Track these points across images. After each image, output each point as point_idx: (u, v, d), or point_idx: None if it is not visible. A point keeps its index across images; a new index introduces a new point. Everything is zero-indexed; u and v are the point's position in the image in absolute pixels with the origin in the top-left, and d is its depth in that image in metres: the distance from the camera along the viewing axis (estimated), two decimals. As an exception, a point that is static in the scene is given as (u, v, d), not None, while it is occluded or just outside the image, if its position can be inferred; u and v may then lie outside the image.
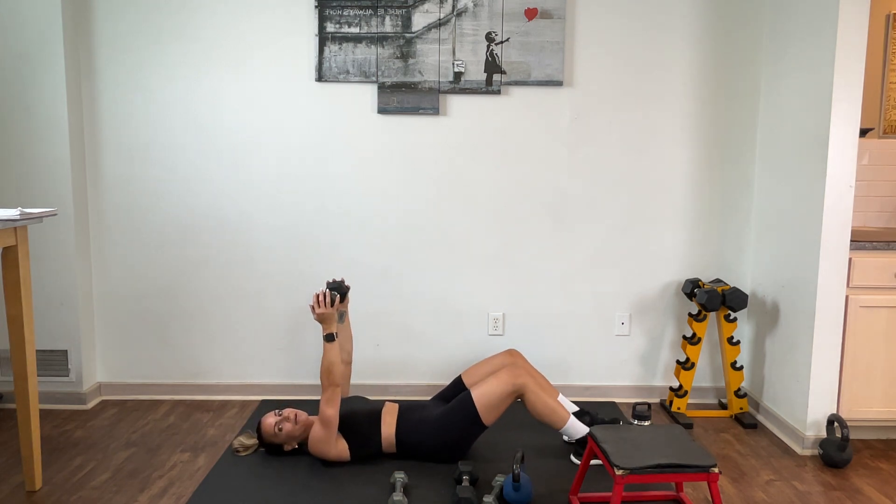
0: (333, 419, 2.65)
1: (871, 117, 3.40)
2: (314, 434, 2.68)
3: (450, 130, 3.40)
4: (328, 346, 2.66)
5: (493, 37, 3.31)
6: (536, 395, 2.70)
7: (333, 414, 2.64)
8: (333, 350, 2.66)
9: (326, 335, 2.66)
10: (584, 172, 3.43)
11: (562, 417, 2.72)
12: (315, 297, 2.67)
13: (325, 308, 2.65)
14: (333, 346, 2.66)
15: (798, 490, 2.63)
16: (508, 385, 2.68)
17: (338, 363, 2.65)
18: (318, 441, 2.68)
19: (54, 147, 3.23)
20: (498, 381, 2.70)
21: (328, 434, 2.66)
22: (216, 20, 3.31)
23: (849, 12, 2.75)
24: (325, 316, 2.66)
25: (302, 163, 3.40)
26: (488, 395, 2.68)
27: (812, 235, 2.92)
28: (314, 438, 2.68)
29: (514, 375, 2.69)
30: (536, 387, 2.71)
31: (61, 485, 2.60)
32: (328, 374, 2.64)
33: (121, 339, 3.49)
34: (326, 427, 2.65)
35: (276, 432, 2.75)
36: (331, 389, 2.64)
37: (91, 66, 3.32)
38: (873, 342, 2.93)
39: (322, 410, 2.64)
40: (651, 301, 3.52)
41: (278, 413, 2.79)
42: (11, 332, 2.44)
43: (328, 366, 2.64)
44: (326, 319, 2.67)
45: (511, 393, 2.68)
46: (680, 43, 3.37)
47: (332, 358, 2.65)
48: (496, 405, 2.68)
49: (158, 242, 3.43)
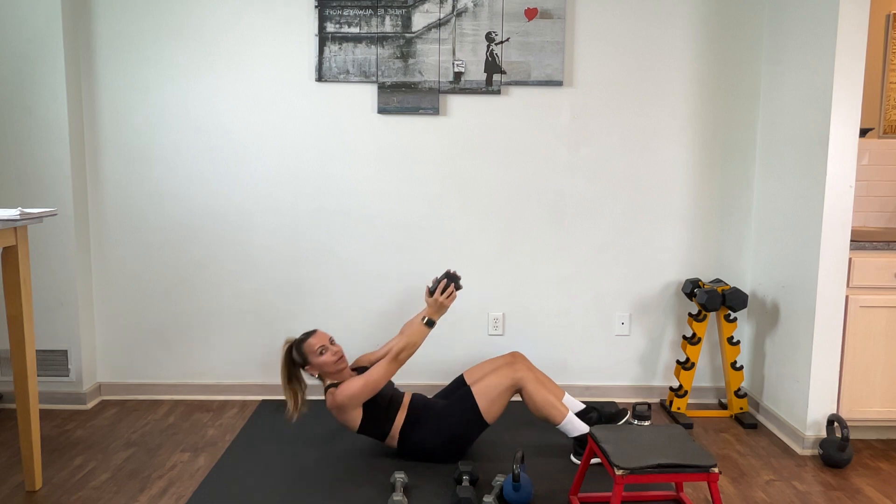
0: (376, 388, 2.68)
1: (871, 117, 3.40)
2: (349, 387, 2.67)
3: (450, 130, 3.40)
4: (422, 329, 2.70)
5: (493, 37, 3.31)
6: (535, 389, 2.72)
7: (381, 385, 2.68)
8: (424, 334, 2.71)
9: (429, 320, 2.71)
10: (584, 172, 3.43)
11: (560, 412, 2.73)
12: (436, 282, 2.72)
13: (444, 299, 2.71)
14: (426, 332, 2.71)
15: (798, 490, 2.63)
16: (507, 378, 2.70)
17: (418, 346, 2.71)
18: (348, 396, 2.67)
19: (54, 147, 3.23)
20: (497, 376, 2.73)
21: (362, 395, 2.67)
22: (216, 20, 3.31)
23: (849, 12, 2.74)
24: (439, 304, 2.72)
25: (302, 163, 3.40)
26: (487, 388, 2.71)
27: (812, 235, 2.92)
28: (346, 391, 2.67)
29: (513, 370, 2.73)
30: (535, 381, 2.74)
31: (61, 485, 2.60)
32: (405, 351, 2.68)
33: (121, 339, 3.49)
34: (368, 390, 2.67)
35: (318, 352, 2.75)
36: (395, 365, 2.67)
37: (91, 66, 3.32)
38: (873, 342, 2.93)
39: (376, 377, 2.66)
40: (651, 301, 3.52)
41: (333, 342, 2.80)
42: (11, 332, 2.44)
43: (411, 345, 2.68)
44: (439, 308, 2.72)
45: (510, 386, 2.70)
46: (680, 43, 3.37)
47: (418, 340, 2.70)
48: (495, 399, 2.70)
49: (158, 242, 3.43)
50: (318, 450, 2.90)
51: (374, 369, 2.68)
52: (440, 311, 2.73)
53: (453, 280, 2.75)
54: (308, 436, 3.04)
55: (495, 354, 3.54)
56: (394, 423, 2.76)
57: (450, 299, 2.72)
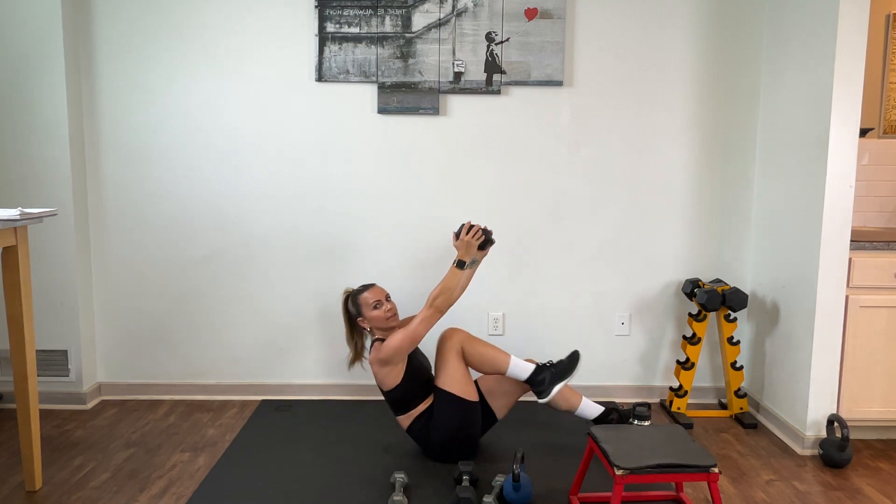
0: (419, 338, 2.68)
1: (871, 117, 3.40)
2: (393, 339, 2.68)
3: (450, 130, 3.40)
4: (455, 271, 2.70)
5: (493, 37, 3.31)
6: (470, 345, 2.75)
7: (423, 333, 2.68)
8: (457, 277, 2.70)
9: (459, 261, 2.71)
10: (584, 172, 3.43)
11: (503, 359, 2.77)
12: (465, 225, 2.73)
13: (468, 237, 2.71)
14: (458, 274, 2.70)
15: (798, 490, 2.63)
16: (447, 351, 2.74)
17: (455, 290, 2.69)
18: (392, 348, 2.67)
19: (54, 147, 3.23)
20: (440, 356, 2.76)
21: (406, 347, 2.68)
22: (216, 20, 3.31)
23: (849, 12, 2.74)
24: (466, 244, 2.72)
25: (302, 163, 3.40)
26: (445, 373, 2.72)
27: (812, 235, 2.92)
28: (390, 343, 2.68)
29: (446, 341, 2.76)
30: (470, 339, 2.76)
31: (61, 485, 2.60)
32: (441, 296, 2.68)
33: (121, 339, 3.49)
34: (409, 340, 2.67)
35: (373, 306, 2.77)
36: (433, 311, 2.68)
37: (91, 66, 3.32)
38: (873, 342, 2.93)
39: (415, 325, 2.67)
40: (651, 301, 3.52)
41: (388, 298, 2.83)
42: (11, 332, 2.44)
43: (446, 289, 2.68)
44: (467, 248, 2.72)
45: (455, 353, 2.73)
46: (680, 43, 3.37)
47: (452, 283, 2.69)
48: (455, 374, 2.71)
49: (158, 242, 3.43)
50: (318, 450, 2.90)
51: (413, 320, 2.70)
52: (469, 252, 2.73)
53: (482, 229, 2.76)
54: (308, 436, 3.04)
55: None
56: (418, 405, 2.76)
57: (476, 238, 2.72)
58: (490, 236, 2.78)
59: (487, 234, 2.77)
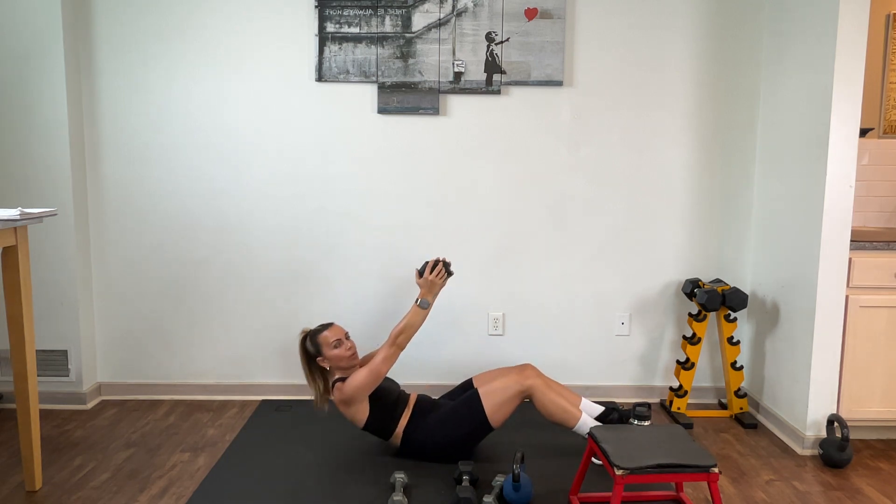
0: (381, 376, 2.68)
1: (871, 117, 3.40)
2: (355, 378, 2.68)
3: (450, 130, 3.40)
4: (417, 311, 2.71)
5: (493, 37, 3.31)
6: (544, 394, 2.73)
7: (384, 371, 2.68)
8: (419, 315, 2.71)
9: (423, 301, 2.72)
10: (584, 172, 3.43)
11: (573, 415, 2.74)
12: (425, 264, 2.75)
13: (434, 277, 2.73)
14: (421, 314, 2.72)
15: (798, 490, 2.63)
16: (516, 384, 2.71)
17: (415, 329, 2.71)
18: (354, 388, 2.67)
19: (54, 147, 3.23)
20: (506, 380, 2.74)
21: (367, 386, 2.67)
22: (216, 20, 3.31)
23: (849, 12, 2.74)
24: (430, 283, 2.74)
25: (302, 163, 3.40)
26: (495, 392, 2.71)
27: (812, 235, 2.92)
28: (352, 382, 2.67)
29: (523, 377, 2.74)
30: (545, 387, 2.74)
31: (61, 485, 2.60)
32: (403, 334, 2.69)
33: (121, 339, 3.49)
34: (371, 379, 2.67)
35: (333, 345, 2.77)
36: (394, 349, 2.69)
37: (91, 66, 3.32)
38: (873, 342, 2.93)
39: (377, 363, 2.67)
40: (651, 301, 3.52)
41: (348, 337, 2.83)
42: (11, 332, 2.44)
43: (405, 327, 2.69)
44: (429, 287, 2.74)
45: (518, 392, 2.71)
46: (680, 43, 3.37)
47: (413, 322, 2.70)
48: (502, 404, 2.70)
49: (158, 242, 3.43)
50: (318, 450, 2.90)
51: (375, 357, 2.69)
52: (432, 290, 2.74)
53: (443, 263, 2.76)
54: (308, 436, 3.04)
55: (495, 354, 3.54)
56: (399, 422, 2.76)
57: (440, 277, 2.74)
58: (450, 268, 2.78)
59: (447, 267, 2.77)
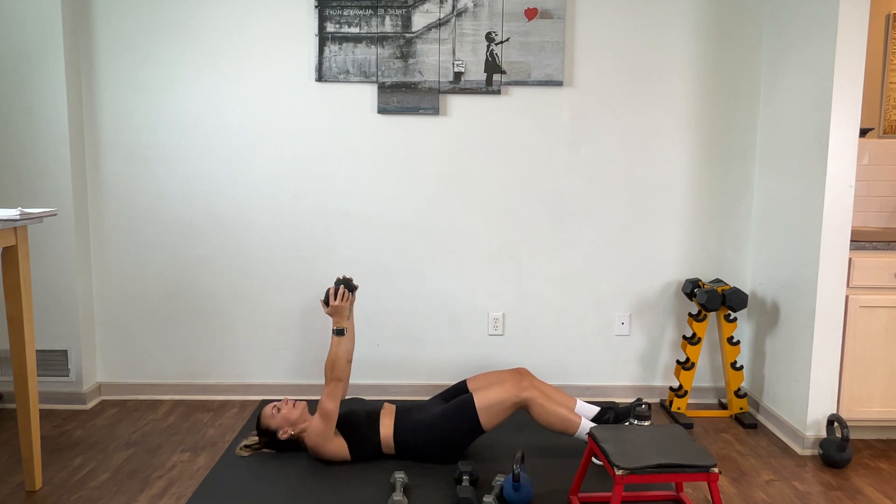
0: (333, 413, 2.66)
1: (871, 117, 3.40)
2: (312, 428, 2.69)
3: (450, 130, 3.40)
4: (336, 340, 2.69)
5: (493, 37, 3.31)
6: (543, 405, 2.70)
7: (333, 408, 2.65)
8: (341, 344, 2.70)
9: (337, 329, 2.70)
10: (584, 172, 3.43)
11: (573, 423, 2.73)
12: (328, 292, 2.74)
13: (340, 302, 2.72)
14: (341, 341, 2.70)
15: (798, 490, 2.63)
16: (512, 395, 2.69)
17: (343, 358, 2.69)
18: (316, 435, 2.68)
19: (54, 147, 3.23)
20: (502, 389, 2.71)
21: (327, 428, 2.67)
22: (216, 20, 3.31)
23: (849, 12, 2.75)
24: (339, 309, 2.72)
25: (302, 163, 3.40)
26: (490, 400, 2.69)
27: (812, 235, 2.92)
28: (312, 432, 2.69)
29: (520, 388, 2.71)
30: (543, 398, 2.72)
31: (61, 485, 2.60)
32: (332, 367, 2.67)
33: (121, 339, 3.49)
34: (325, 421, 2.66)
35: (273, 413, 2.78)
36: (333, 383, 2.67)
37: (91, 65, 3.32)
38: (873, 342, 2.93)
39: (322, 403, 2.65)
40: (651, 301, 3.52)
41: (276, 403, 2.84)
42: (11, 332, 2.44)
43: (334, 359, 2.68)
44: (339, 313, 2.73)
45: (514, 403, 2.69)
46: (680, 43, 3.37)
47: (338, 352, 2.69)
48: (497, 413, 2.69)
49: (158, 242, 3.43)
50: (318, 450, 2.90)
51: (321, 400, 2.67)
52: (341, 315, 2.73)
53: (343, 283, 2.75)
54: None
55: (495, 354, 3.54)
56: (380, 433, 2.75)
57: (344, 300, 2.73)
58: (352, 284, 2.77)
59: (350, 285, 2.76)
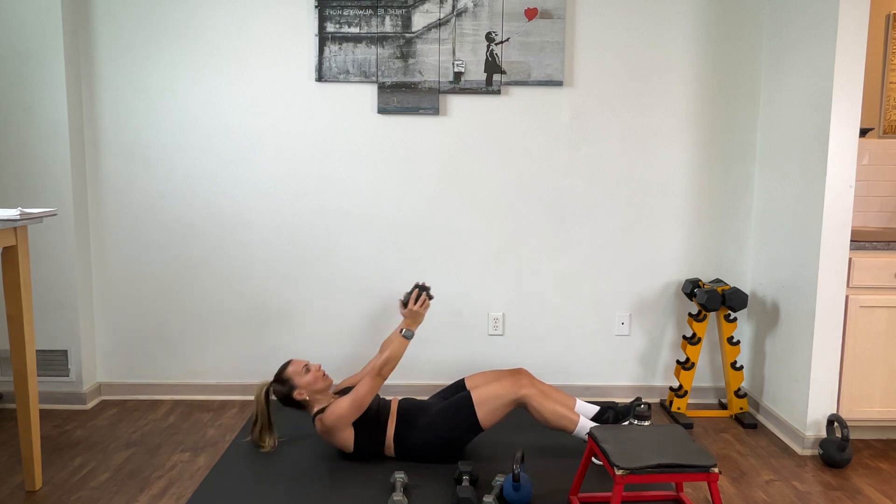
0: (365, 406, 2.67)
1: (871, 117, 3.40)
2: (338, 409, 2.67)
3: (450, 130, 3.40)
4: (402, 342, 2.71)
5: (493, 37, 3.31)
6: (540, 403, 2.71)
7: (368, 402, 2.67)
8: (404, 346, 2.71)
9: (408, 332, 2.72)
10: (584, 172, 3.43)
11: (571, 420, 2.73)
12: (413, 295, 2.75)
13: (419, 308, 2.74)
14: (405, 344, 2.72)
15: (798, 490, 2.63)
16: (510, 393, 2.70)
17: (399, 359, 2.71)
18: (338, 418, 2.66)
19: (54, 147, 3.23)
20: (500, 386, 2.72)
21: (351, 416, 2.67)
22: (216, 20, 3.31)
23: (849, 12, 2.75)
24: (416, 314, 2.75)
25: (302, 163, 3.40)
26: (488, 398, 2.70)
27: (812, 235, 2.92)
28: (335, 413, 2.67)
29: (518, 385, 2.72)
30: (540, 396, 2.72)
31: (61, 485, 2.60)
32: (386, 365, 2.67)
33: (121, 339, 3.49)
34: (355, 409, 2.66)
35: (302, 371, 2.77)
36: (379, 380, 2.67)
37: (91, 66, 3.32)
38: (873, 342, 2.93)
39: (361, 393, 2.65)
40: (651, 301, 3.52)
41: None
42: (11, 332, 2.44)
43: (390, 359, 2.68)
44: (415, 317, 2.75)
45: (512, 401, 2.70)
46: (680, 43, 3.37)
47: (399, 353, 2.70)
48: (494, 410, 2.70)
49: (158, 242, 3.43)
50: (318, 450, 2.90)
51: (359, 387, 2.67)
52: (416, 321, 2.75)
53: (424, 290, 2.78)
54: (308, 436, 3.04)
55: (495, 354, 3.54)
56: (386, 432, 2.75)
57: (424, 307, 2.75)
58: (429, 293, 2.79)
59: (428, 292, 2.78)
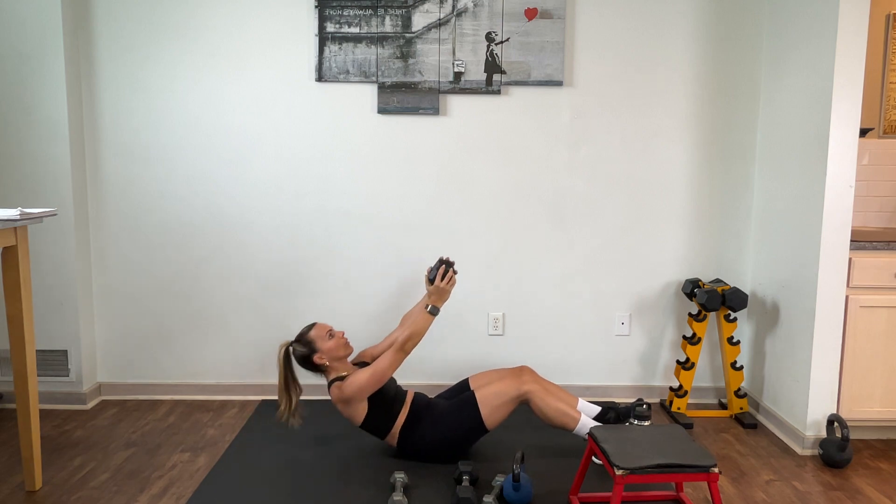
0: (385, 379, 2.67)
1: (871, 117, 3.40)
2: (357, 379, 2.66)
3: (450, 130, 3.40)
4: (427, 317, 2.70)
5: (493, 37, 3.31)
6: (542, 399, 2.72)
7: (389, 375, 2.67)
8: (429, 322, 2.71)
9: (433, 308, 2.72)
10: (584, 172, 3.43)
11: (573, 418, 2.74)
12: (433, 270, 2.74)
13: (446, 285, 2.73)
14: (430, 320, 2.71)
15: (798, 490, 2.63)
16: (513, 389, 2.71)
17: (423, 335, 2.70)
18: (357, 389, 2.65)
19: (54, 147, 3.23)
20: (503, 384, 2.73)
21: (370, 388, 2.66)
22: (216, 20, 3.31)
23: (849, 12, 2.75)
24: (442, 291, 2.74)
25: (302, 163, 3.40)
26: (491, 396, 2.71)
27: (812, 235, 2.92)
28: (354, 383, 2.66)
29: (520, 381, 2.73)
30: (543, 392, 2.73)
31: (61, 485, 2.60)
32: (409, 340, 2.67)
33: (121, 339, 3.49)
34: (375, 381, 2.66)
35: (325, 336, 2.77)
36: (402, 355, 2.67)
37: (91, 65, 3.32)
38: (873, 342, 2.93)
39: (383, 365, 2.65)
40: (651, 301, 3.52)
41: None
42: (11, 332, 2.44)
43: (414, 334, 2.68)
44: (441, 294, 2.74)
45: (515, 397, 2.71)
46: (680, 43, 3.37)
47: (423, 328, 2.70)
48: (498, 407, 2.71)
49: (158, 242, 3.43)
50: (317, 450, 2.90)
51: (381, 360, 2.67)
52: (443, 298, 2.74)
53: (450, 266, 2.76)
54: (308, 436, 3.04)
55: (495, 354, 3.54)
56: (396, 420, 2.76)
57: (450, 284, 2.74)
58: (454, 268, 2.76)
59: (454, 268, 2.75)
